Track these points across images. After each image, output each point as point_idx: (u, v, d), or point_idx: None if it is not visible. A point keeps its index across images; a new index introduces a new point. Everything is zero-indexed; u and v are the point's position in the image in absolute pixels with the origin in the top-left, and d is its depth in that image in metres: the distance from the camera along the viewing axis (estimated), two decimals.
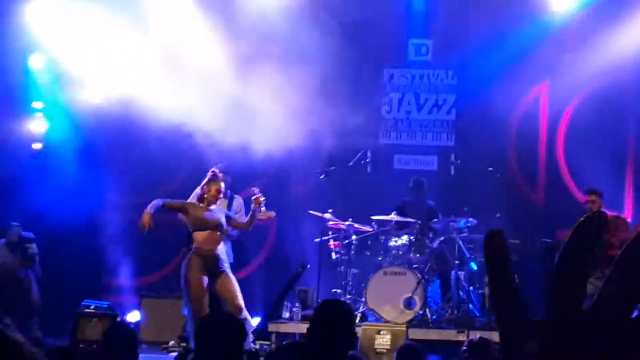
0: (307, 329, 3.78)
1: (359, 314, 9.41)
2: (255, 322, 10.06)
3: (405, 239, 9.71)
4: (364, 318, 9.43)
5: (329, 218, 9.87)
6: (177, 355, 7.34)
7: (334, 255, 10.04)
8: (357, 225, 9.99)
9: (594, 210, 8.99)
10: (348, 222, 9.93)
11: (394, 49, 11.99)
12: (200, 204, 7.98)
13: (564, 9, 11.31)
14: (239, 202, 9.56)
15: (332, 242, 10.06)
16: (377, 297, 9.26)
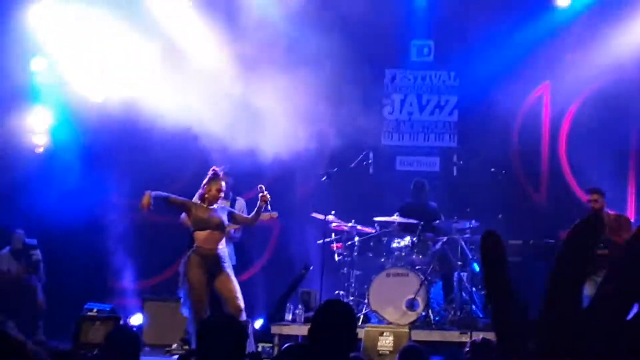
0: (308, 330, 3.76)
1: (362, 316, 9.41)
2: (258, 324, 10.08)
3: (408, 241, 9.70)
4: (367, 319, 9.43)
5: (332, 220, 9.87)
6: (179, 358, 7.34)
7: (337, 257, 10.03)
8: (359, 227, 9.99)
9: (596, 209, 8.99)
10: (351, 223, 9.93)
11: (396, 50, 11.97)
12: (202, 204, 7.98)
13: (566, 9, 11.30)
14: (241, 203, 9.55)
15: (334, 243, 10.05)
16: (379, 298, 9.25)
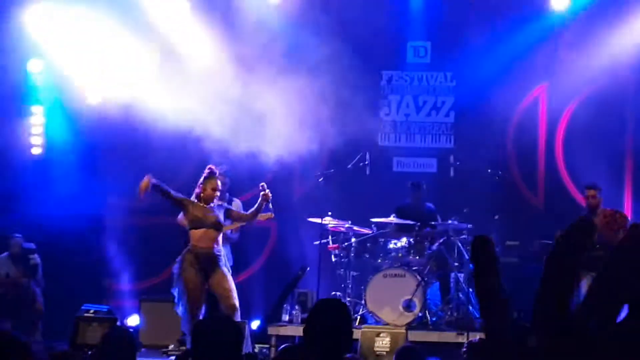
0: (303, 330, 3.75)
1: (359, 317, 9.42)
2: (255, 325, 10.08)
3: (405, 241, 9.72)
4: (364, 320, 9.44)
5: (328, 222, 9.86)
6: (176, 359, 7.34)
7: (334, 258, 10.04)
8: (356, 228, 9.99)
9: (593, 206, 8.99)
10: (347, 224, 9.93)
11: (393, 52, 11.97)
12: (198, 202, 7.98)
13: (562, 11, 11.31)
14: (237, 204, 9.55)
15: (331, 244, 10.05)
16: (376, 299, 9.26)
